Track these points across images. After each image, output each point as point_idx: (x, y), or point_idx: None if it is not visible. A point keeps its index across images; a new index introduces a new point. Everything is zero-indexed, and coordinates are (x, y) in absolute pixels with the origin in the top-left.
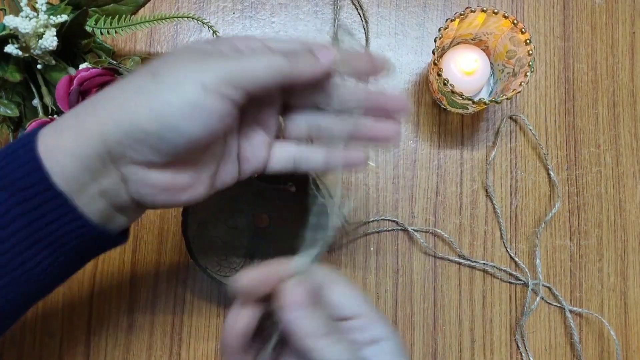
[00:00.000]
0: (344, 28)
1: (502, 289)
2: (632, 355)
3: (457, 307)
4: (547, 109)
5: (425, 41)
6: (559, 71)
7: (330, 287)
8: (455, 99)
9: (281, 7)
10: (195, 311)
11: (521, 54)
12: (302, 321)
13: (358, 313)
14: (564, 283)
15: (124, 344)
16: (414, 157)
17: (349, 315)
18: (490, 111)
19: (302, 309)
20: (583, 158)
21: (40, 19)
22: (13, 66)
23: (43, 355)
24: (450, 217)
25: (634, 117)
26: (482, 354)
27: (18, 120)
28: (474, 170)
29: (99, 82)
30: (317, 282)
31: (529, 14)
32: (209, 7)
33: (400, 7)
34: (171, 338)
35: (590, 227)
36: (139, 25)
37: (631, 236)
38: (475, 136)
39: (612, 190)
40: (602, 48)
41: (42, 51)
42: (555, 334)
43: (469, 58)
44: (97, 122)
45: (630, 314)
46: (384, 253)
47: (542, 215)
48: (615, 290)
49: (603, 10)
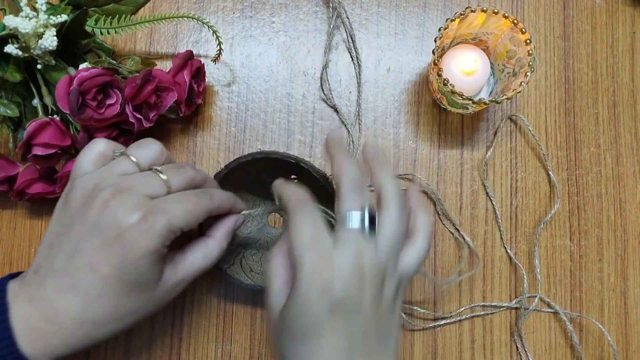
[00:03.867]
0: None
1: (502, 288)
2: (632, 355)
3: (457, 307)
4: (547, 109)
5: (425, 41)
6: (559, 71)
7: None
8: (455, 99)
9: (281, 7)
10: (195, 311)
11: (521, 54)
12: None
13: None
14: (563, 283)
15: (124, 344)
16: (414, 157)
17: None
18: (490, 111)
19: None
20: (583, 158)
21: (40, 19)
22: (13, 66)
23: None
24: (450, 217)
25: (634, 117)
26: (482, 354)
27: (18, 120)
28: (474, 170)
29: (99, 82)
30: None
31: (529, 14)
32: (209, 7)
33: (400, 7)
34: (171, 338)
35: (590, 227)
36: (139, 25)
37: (631, 236)
38: (475, 136)
39: (612, 190)
40: (602, 48)
41: (42, 51)
42: (555, 334)
43: (469, 58)
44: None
45: (630, 314)
46: None
47: (542, 215)
48: (615, 290)
49: (603, 10)
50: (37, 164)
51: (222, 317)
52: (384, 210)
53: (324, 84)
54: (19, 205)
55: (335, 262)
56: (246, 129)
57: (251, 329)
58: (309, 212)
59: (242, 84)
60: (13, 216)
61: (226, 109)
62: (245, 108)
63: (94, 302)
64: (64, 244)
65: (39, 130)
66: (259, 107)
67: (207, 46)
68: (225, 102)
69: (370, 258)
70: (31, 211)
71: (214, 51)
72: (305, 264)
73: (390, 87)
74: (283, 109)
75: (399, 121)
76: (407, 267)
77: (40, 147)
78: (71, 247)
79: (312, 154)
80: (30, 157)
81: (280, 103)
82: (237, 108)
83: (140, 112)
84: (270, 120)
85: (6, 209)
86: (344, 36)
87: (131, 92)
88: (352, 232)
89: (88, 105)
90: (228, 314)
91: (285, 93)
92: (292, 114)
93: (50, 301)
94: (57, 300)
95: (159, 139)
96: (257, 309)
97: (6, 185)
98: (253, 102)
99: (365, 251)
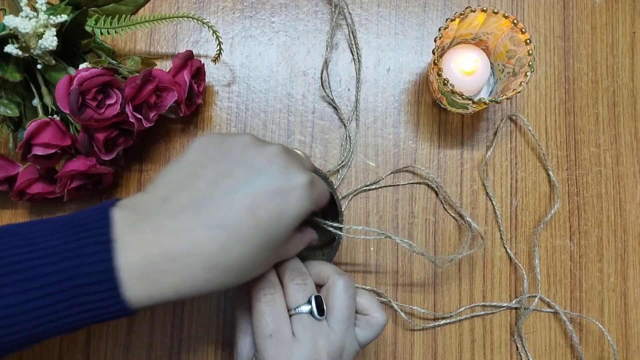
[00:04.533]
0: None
1: (502, 288)
2: (632, 355)
3: (457, 307)
4: (547, 108)
5: (425, 41)
6: (559, 71)
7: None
8: (455, 99)
9: (281, 7)
10: (195, 311)
11: (521, 54)
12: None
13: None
14: (564, 283)
15: (124, 344)
16: (414, 157)
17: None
18: (490, 111)
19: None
20: (583, 158)
21: (40, 19)
22: (13, 66)
23: (43, 355)
24: (451, 217)
25: (634, 117)
26: (482, 354)
27: (18, 120)
28: (474, 170)
29: (99, 82)
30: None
31: (529, 14)
32: (209, 7)
33: (400, 7)
34: (171, 338)
35: (590, 227)
36: (139, 25)
37: (631, 236)
38: (475, 136)
39: (612, 190)
40: (602, 48)
41: (42, 51)
42: (555, 334)
43: (469, 58)
44: (174, 275)
45: (630, 314)
46: (384, 253)
47: (542, 215)
48: (615, 290)
49: (603, 10)
50: (37, 164)
51: (222, 317)
52: (330, 290)
53: (324, 82)
54: (19, 205)
55: (294, 353)
56: (246, 129)
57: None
58: (271, 298)
59: (242, 84)
60: (13, 216)
61: (226, 109)
62: (245, 108)
63: (236, 246)
64: (209, 177)
65: (39, 130)
66: (259, 107)
67: (207, 46)
68: (225, 102)
69: (325, 341)
70: (31, 211)
71: (214, 51)
72: (266, 357)
73: (390, 87)
74: (283, 109)
75: (399, 121)
76: (364, 340)
77: (40, 147)
78: (227, 185)
79: (312, 153)
80: (30, 157)
81: (280, 103)
82: (237, 108)
83: (140, 112)
84: (270, 120)
85: (6, 209)
86: (346, 32)
87: (131, 92)
88: (305, 320)
89: (88, 105)
90: (228, 314)
91: (285, 93)
92: (292, 114)
93: (184, 234)
94: (195, 235)
95: (159, 139)
96: None
97: (6, 185)
98: (253, 102)
99: (320, 335)
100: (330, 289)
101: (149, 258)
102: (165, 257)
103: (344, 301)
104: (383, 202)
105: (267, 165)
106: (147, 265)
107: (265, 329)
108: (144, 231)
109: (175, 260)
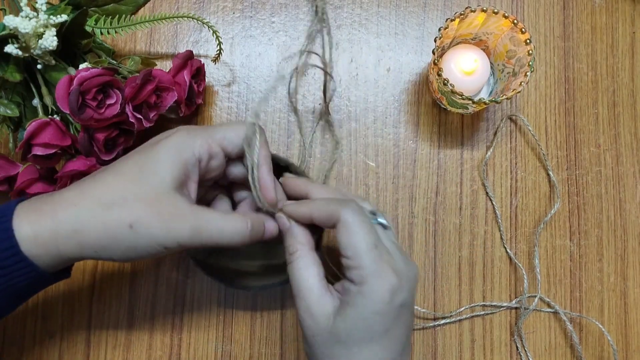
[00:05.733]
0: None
1: (502, 288)
2: (632, 355)
3: (457, 307)
4: (547, 108)
5: (425, 41)
6: (559, 71)
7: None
8: (455, 99)
9: (281, 7)
10: (195, 311)
11: (521, 54)
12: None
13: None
14: (564, 283)
15: (124, 344)
16: (414, 157)
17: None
18: (490, 111)
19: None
20: (583, 158)
21: (40, 19)
22: (13, 66)
23: (43, 355)
24: (450, 217)
25: (634, 117)
26: (482, 354)
27: (18, 120)
28: (474, 170)
29: (99, 82)
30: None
31: (529, 14)
32: (209, 7)
33: (400, 7)
34: (171, 338)
35: (590, 227)
36: (139, 25)
37: (631, 236)
38: (475, 136)
39: (612, 190)
40: (602, 48)
41: (42, 51)
42: (555, 334)
43: (469, 58)
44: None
45: (630, 314)
46: None
47: (542, 215)
48: (615, 290)
49: (603, 10)
50: (37, 164)
51: (222, 317)
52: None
53: (291, 91)
54: None
55: (393, 256)
56: None
57: (251, 329)
58: (363, 215)
59: (242, 84)
60: None
61: (226, 109)
62: (245, 108)
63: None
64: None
65: (39, 130)
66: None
67: (207, 46)
68: (225, 102)
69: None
70: None
71: (214, 51)
72: (368, 270)
73: (390, 87)
74: (283, 109)
75: (399, 121)
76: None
77: (40, 147)
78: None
79: (312, 153)
80: (30, 157)
81: (280, 103)
82: (237, 108)
83: (140, 112)
84: (270, 120)
85: None
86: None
87: (131, 92)
88: (391, 233)
89: (88, 105)
90: (228, 314)
91: (285, 93)
92: (292, 114)
93: (66, 206)
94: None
95: None
96: (257, 310)
97: (6, 185)
98: (253, 102)
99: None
100: (343, 229)
101: (39, 224)
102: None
103: (364, 235)
104: (383, 203)
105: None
106: (38, 230)
107: (370, 241)
108: (35, 207)
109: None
